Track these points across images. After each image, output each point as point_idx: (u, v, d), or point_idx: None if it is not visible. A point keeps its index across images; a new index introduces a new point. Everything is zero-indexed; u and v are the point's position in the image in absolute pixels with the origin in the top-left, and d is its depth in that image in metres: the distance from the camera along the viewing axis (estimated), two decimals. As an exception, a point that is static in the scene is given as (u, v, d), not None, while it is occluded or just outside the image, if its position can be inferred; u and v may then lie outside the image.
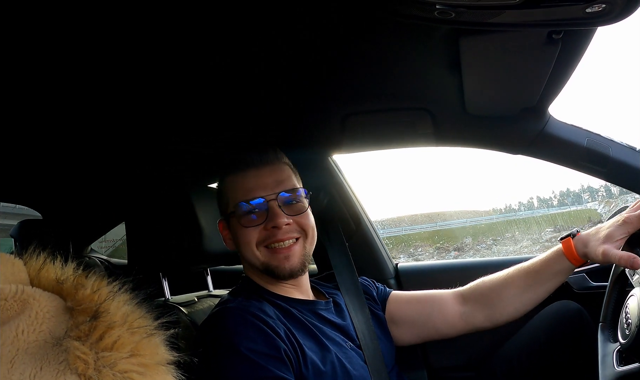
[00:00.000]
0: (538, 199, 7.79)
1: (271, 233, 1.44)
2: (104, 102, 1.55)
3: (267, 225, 1.44)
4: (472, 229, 6.97)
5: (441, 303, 1.70)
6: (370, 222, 2.28)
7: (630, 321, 1.36)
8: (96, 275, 0.75)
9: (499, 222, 7.24)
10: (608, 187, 5.51)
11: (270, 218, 1.44)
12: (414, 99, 1.73)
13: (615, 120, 18.78)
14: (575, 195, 7.12)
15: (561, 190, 7.65)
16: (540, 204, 7.72)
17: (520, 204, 7.95)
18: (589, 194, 7.07)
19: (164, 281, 1.68)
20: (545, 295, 1.60)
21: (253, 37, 1.28)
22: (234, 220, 1.47)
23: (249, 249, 1.45)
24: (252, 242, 1.45)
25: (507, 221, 7.16)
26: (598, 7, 0.90)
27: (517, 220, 7.15)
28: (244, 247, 1.47)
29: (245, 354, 1.22)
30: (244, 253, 1.48)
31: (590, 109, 21.12)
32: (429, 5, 0.94)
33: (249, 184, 1.47)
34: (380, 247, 2.25)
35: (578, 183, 7.06)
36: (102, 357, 0.64)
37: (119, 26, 1.15)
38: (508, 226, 6.69)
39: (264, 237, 1.45)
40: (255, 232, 1.45)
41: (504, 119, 1.77)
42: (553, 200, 7.58)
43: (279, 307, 1.40)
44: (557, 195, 7.64)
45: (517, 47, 1.24)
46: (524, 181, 10.98)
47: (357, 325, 1.54)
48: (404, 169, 16.60)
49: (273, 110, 1.77)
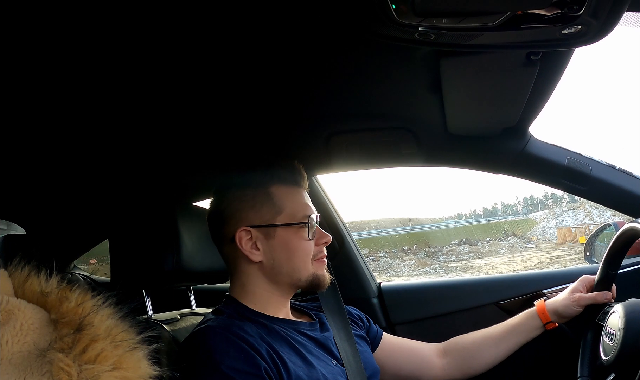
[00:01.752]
0: (502, 205, 7.90)
1: (320, 249, 1.52)
2: (90, 118, 1.56)
3: (319, 240, 1.52)
4: (383, 240, 7.05)
5: (427, 355, 1.81)
6: (354, 241, 2.29)
7: (612, 337, 1.39)
8: (80, 289, 0.76)
9: (416, 232, 7.34)
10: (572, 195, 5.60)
11: (323, 235, 1.54)
12: (396, 119, 1.75)
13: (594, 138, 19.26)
14: (539, 202, 7.21)
15: (525, 196, 7.80)
16: (504, 209, 7.84)
17: (472, 212, 8.07)
18: (553, 200, 7.19)
19: (147, 299, 1.67)
20: (516, 348, 1.78)
21: (235, 57, 1.29)
22: (291, 231, 1.47)
23: (306, 260, 1.48)
24: (310, 255, 1.48)
25: (422, 232, 7.28)
26: (574, 29, 0.93)
27: (433, 231, 7.27)
28: (300, 259, 1.47)
29: (226, 372, 1.21)
30: (296, 264, 1.47)
31: (571, 128, 21.66)
32: (410, 28, 0.96)
33: (303, 200, 1.53)
34: (364, 266, 2.26)
35: (542, 190, 7.19)
36: (85, 369, 0.64)
37: (96, 37, 1.16)
38: (419, 237, 6.81)
39: (317, 251, 1.51)
40: (312, 246, 1.49)
41: (486, 139, 1.80)
42: (517, 206, 7.69)
43: (263, 325, 1.40)
44: (521, 202, 7.76)
45: (496, 68, 1.27)
46: (490, 187, 11.21)
47: (339, 342, 1.55)
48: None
49: (256, 130, 1.78)
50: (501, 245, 15.84)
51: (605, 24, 0.90)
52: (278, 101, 1.60)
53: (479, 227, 19.47)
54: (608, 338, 1.42)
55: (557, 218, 18.46)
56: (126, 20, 1.10)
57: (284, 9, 1.09)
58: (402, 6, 0.89)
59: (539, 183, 1.88)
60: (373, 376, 1.56)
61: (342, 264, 2.18)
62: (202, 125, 1.71)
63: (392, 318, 2.18)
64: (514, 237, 16.92)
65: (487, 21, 0.93)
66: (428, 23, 0.94)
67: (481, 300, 2.10)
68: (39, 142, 1.67)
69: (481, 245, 15.52)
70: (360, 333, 1.69)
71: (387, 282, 2.28)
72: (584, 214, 17.24)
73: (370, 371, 1.55)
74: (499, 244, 15.88)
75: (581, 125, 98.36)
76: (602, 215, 15.59)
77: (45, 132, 1.61)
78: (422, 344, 1.83)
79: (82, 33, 1.13)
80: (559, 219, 18.30)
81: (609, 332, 1.43)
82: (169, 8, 1.07)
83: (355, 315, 1.75)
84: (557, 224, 17.76)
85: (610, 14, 0.88)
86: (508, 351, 1.78)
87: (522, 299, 2.02)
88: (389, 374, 1.77)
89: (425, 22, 0.94)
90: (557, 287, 1.97)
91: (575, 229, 15.01)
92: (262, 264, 1.47)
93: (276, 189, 1.49)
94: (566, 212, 18.39)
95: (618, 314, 1.41)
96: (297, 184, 1.53)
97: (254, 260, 1.46)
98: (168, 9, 1.07)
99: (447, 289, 2.19)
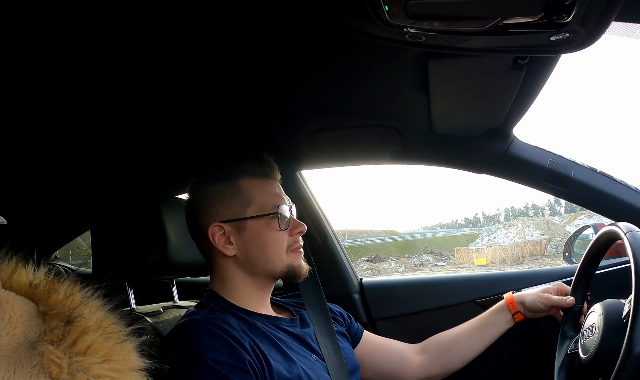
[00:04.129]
0: (483, 215, 7.98)
1: (295, 239, 1.52)
2: (72, 108, 1.54)
3: (293, 231, 1.51)
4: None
5: (406, 354, 1.83)
6: (337, 237, 2.30)
7: (591, 336, 1.42)
8: (69, 281, 0.76)
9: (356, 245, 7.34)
10: (552, 206, 5.68)
11: (297, 224, 1.52)
12: (383, 117, 1.76)
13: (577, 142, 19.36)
14: (520, 212, 7.30)
15: (506, 207, 7.89)
16: (485, 220, 7.91)
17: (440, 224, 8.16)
18: (534, 211, 7.28)
19: (130, 291, 1.66)
20: (491, 341, 1.82)
21: (221, 50, 1.29)
22: (261, 222, 1.47)
23: (280, 252, 1.48)
24: (284, 246, 1.48)
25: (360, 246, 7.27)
26: (562, 36, 0.94)
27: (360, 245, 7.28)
28: (274, 250, 1.48)
29: (211, 365, 1.22)
30: (270, 256, 1.48)
31: (554, 130, 21.75)
32: (400, 29, 0.97)
33: (274, 191, 1.52)
34: (346, 262, 2.27)
35: (523, 201, 7.29)
36: (76, 362, 0.64)
37: (78, 32, 1.15)
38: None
39: (291, 242, 1.51)
40: (286, 236, 1.49)
41: (470, 139, 1.82)
42: (500, 216, 7.77)
43: (244, 320, 1.41)
44: (502, 212, 7.84)
45: (483, 70, 1.29)
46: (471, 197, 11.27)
47: (320, 338, 1.56)
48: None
49: (241, 124, 1.78)
50: (409, 263, 15.73)
51: (592, 32, 0.92)
52: (264, 96, 1.60)
53: (409, 242, 19.41)
54: (586, 337, 1.45)
55: (490, 235, 18.41)
56: (107, 17, 1.10)
57: (271, 3, 1.09)
58: (394, 8, 0.90)
59: (521, 184, 1.90)
60: (353, 372, 1.57)
61: (324, 259, 2.18)
62: (186, 119, 1.70)
63: (373, 314, 2.19)
64: (430, 255, 16.80)
65: (477, 25, 0.94)
66: (419, 25, 0.95)
67: (461, 297, 2.12)
68: (20, 132, 1.65)
69: (388, 263, 15.45)
70: (341, 330, 1.70)
71: (369, 278, 2.29)
72: (515, 231, 17.21)
73: (351, 367, 1.56)
74: (406, 261, 15.81)
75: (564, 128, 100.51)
76: (532, 234, 15.68)
77: (27, 122, 1.59)
78: (401, 343, 1.85)
79: (62, 28, 1.13)
80: (491, 236, 18.24)
81: (588, 331, 1.45)
82: (154, 4, 1.07)
83: (336, 312, 1.76)
84: (489, 240, 17.67)
85: (598, 23, 0.89)
86: (483, 345, 1.81)
87: (501, 296, 2.04)
88: (369, 372, 1.78)
89: (416, 24, 0.95)
90: (535, 287, 2.00)
91: (472, 250, 15.05)
92: (236, 258, 1.48)
93: (245, 182, 1.50)
94: (500, 229, 18.41)
95: (596, 314, 1.43)
96: (266, 175, 1.54)
97: (228, 254, 1.47)
98: (153, 5, 1.07)
99: (428, 285, 2.21)
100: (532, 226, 16.04)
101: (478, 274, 2.24)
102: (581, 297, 1.68)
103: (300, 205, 2.14)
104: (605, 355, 1.33)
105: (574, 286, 1.70)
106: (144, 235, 1.62)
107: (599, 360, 1.36)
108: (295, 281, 1.54)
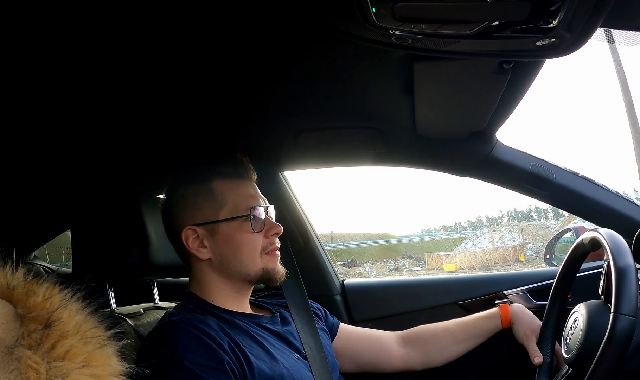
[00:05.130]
0: (487, 218, 8.03)
1: (271, 241, 1.49)
2: (51, 106, 1.52)
3: (268, 232, 1.48)
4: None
5: (386, 343, 1.83)
6: (319, 239, 2.29)
7: (573, 336, 1.44)
8: (47, 282, 0.74)
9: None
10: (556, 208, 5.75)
11: (273, 226, 1.49)
12: (366, 119, 1.76)
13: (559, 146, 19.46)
14: (524, 215, 7.34)
15: (509, 210, 7.95)
16: (489, 223, 7.96)
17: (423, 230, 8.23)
18: (537, 213, 7.34)
19: (110, 291, 1.64)
20: (473, 347, 1.82)
21: (202, 48, 1.28)
22: (234, 225, 1.45)
23: (254, 255, 1.46)
24: (258, 248, 1.46)
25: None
26: (548, 41, 0.94)
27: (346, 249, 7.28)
28: (247, 253, 1.46)
29: (189, 367, 1.21)
30: (243, 259, 1.46)
31: (537, 134, 21.88)
32: (387, 31, 0.97)
33: (248, 192, 1.49)
34: (328, 263, 2.27)
35: (526, 203, 7.35)
36: (54, 367, 0.63)
37: (58, 31, 1.14)
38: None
39: (266, 244, 1.48)
40: (260, 239, 1.47)
41: (453, 142, 1.83)
42: (503, 219, 7.80)
43: (224, 319, 1.39)
44: (505, 215, 7.89)
45: (469, 73, 1.29)
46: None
47: (303, 336, 1.55)
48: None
49: (224, 124, 1.76)
50: (385, 267, 15.73)
51: (578, 38, 0.92)
52: (245, 96, 1.58)
53: (392, 246, 19.43)
54: (569, 337, 1.47)
55: (474, 240, 18.46)
56: (79, 18, 1.08)
57: (257, 1, 1.08)
58: (382, 10, 0.89)
59: (503, 187, 1.91)
60: (333, 370, 1.57)
61: (306, 260, 2.18)
62: (166, 118, 1.68)
63: (355, 315, 2.19)
64: (407, 259, 16.81)
65: (463, 29, 0.94)
66: (406, 28, 0.95)
67: (443, 299, 2.13)
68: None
69: (363, 267, 15.47)
70: (322, 326, 1.70)
71: (351, 279, 2.29)
72: (498, 236, 17.25)
73: (330, 365, 1.56)
74: (382, 266, 15.82)
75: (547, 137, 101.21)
76: (514, 239, 15.78)
77: (4, 119, 1.56)
78: (381, 332, 1.86)
79: (30, 31, 1.11)
80: (475, 240, 18.29)
81: (571, 332, 1.47)
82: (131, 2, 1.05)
83: (315, 307, 1.76)
84: (473, 245, 17.69)
85: (584, 29, 0.90)
86: (466, 348, 1.82)
87: (483, 299, 2.06)
88: (348, 364, 1.78)
89: (403, 26, 0.94)
90: (518, 289, 2.02)
91: (442, 256, 15.16)
92: (211, 261, 1.47)
93: (218, 184, 1.48)
94: (485, 233, 18.46)
95: (580, 315, 1.45)
96: (239, 176, 1.52)
97: (202, 258, 1.46)
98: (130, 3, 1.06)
99: (410, 287, 2.22)
100: (516, 231, 16.13)
101: (460, 276, 2.25)
102: (550, 348, 1.68)
103: (282, 206, 2.13)
104: (588, 355, 1.34)
105: (554, 290, 1.71)
106: (124, 236, 1.60)
107: (582, 358, 1.37)
108: (271, 285, 1.53)
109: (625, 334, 1.22)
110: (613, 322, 1.23)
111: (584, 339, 1.39)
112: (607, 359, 1.23)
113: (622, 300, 1.24)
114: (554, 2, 0.84)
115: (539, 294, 2.00)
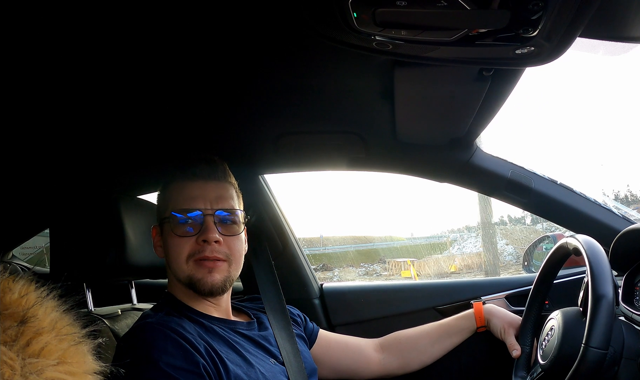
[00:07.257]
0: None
1: (202, 247, 1.41)
2: (30, 106, 1.50)
3: (198, 238, 1.41)
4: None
5: (364, 350, 1.84)
6: (297, 242, 2.29)
7: (549, 344, 1.45)
8: (24, 280, 0.74)
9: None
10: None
11: (202, 231, 1.41)
12: (346, 123, 1.76)
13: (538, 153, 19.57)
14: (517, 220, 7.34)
15: (509, 214, 7.98)
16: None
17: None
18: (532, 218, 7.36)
19: (88, 292, 1.63)
20: (451, 348, 1.84)
21: (182, 49, 1.27)
22: (167, 227, 1.43)
23: (179, 260, 1.41)
24: (182, 253, 1.41)
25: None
26: (527, 50, 0.95)
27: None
28: (173, 257, 1.42)
29: (164, 369, 1.20)
30: (171, 263, 1.43)
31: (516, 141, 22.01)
32: (368, 36, 0.97)
33: (191, 194, 1.45)
34: (306, 267, 2.27)
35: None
36: (30, 364, 0.62)
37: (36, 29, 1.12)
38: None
39: (194, 250, 1.41)
40: (187, 244, 1.41)
41: (433, 148, 1.83)
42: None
43: (200, 324, 1.39)
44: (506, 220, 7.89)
45: (449, 80, 1.30)
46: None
47: (280, 342, 1.55)
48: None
49: (204, 126, 1.76)
50: (355, 272, 15.77)
51: (557, 47, 0.93)
52: (225, 98, 1.57)
53: (372, 251, 19.47)
54: (545, 343, 1.48)
55: (460, 244, 18.54)
56: (55, 15, 1.07)
57: (238, 4, 1.08)
58: (363, 15, 0.89)
59: (482, 193, 1.93)
60: (311, 374, 1.57)
61: (284, 264, 2.17)
62: (146, 118, 1.67)
63: (333, 319, 2.19)
64: (380, 264, 16.84)
65: (443, 36, 0.94)
66: (387, 33, 0.95)
67: (421, 304, 2.14)
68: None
69: (332, 271, 15.53)
70: (300, 332, 1.69)
71: (329, 283, 2.29)
72: (481, 241, 17.33)
73: (309, 370, 1.56)
74: (352, 271, 15.88)
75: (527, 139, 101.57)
76: (499, 244, 15.96)
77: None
78: (359, 339, 1.86)
79: (13, 28, 1.10)
80: (461, 245, 18.38)
81: (547, 338, 1.48)
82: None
83: (294, 313, 1.76)
84: (459, 249, 17.79)
85: (563, 38, 0.90)
86: (443, 350, 1.83)
87: (461, 304, 2.06)
88: (326, 370, 1.78)
89: (384, 32, 0.94)
90: (495, 295, 2.03)
91: (401, 262, 15.29)
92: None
93: (176, 183, 1.49)
94: (470, 237, 18.56)
95: (556, 321, 1.46)
96: (197, 176, 1.48)
97: (159, 256, 1.51)
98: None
99: (388, 292, 2.22)
100: (499, 235, 16.27)
101: (438, 282, 2.26)
102: (530, 339, 1.70)
103: (261, 209, 2.12)
104: (564, 359, 1.35)
105: (532, 296, 1.72)
106: (103, 236, 1.59)
107: (558, 364, 1.38)
108: (201, 295, 1.44)
109: (593, 366, 1.23)
110: (582, 354, 1.24)
111: (558, 350, 1.40)
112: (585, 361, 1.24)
113: (594, 332, 1.24)
114: (533, 11, 0.84)
115: (518, 300, 2.01)
